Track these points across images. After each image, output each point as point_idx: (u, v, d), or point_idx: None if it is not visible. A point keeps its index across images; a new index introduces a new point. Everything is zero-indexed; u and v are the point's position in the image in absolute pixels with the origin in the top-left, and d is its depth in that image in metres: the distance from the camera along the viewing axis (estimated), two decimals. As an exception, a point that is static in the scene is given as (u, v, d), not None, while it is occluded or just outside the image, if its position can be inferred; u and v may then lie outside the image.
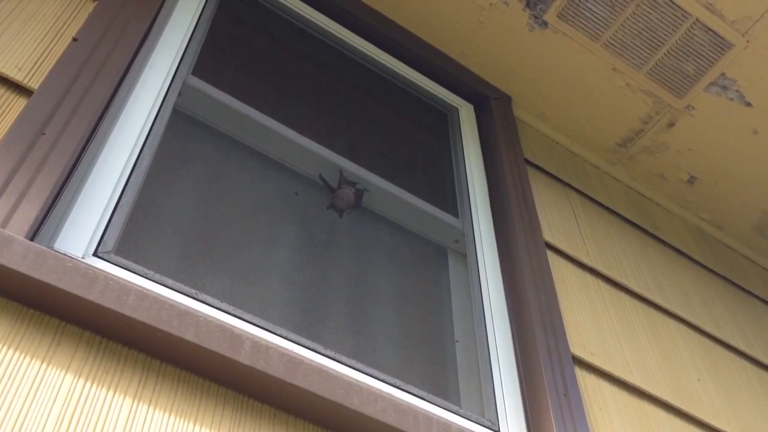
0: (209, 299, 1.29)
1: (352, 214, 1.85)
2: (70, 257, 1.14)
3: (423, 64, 2.43)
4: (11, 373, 0.98)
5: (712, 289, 2.53)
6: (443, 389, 1.62)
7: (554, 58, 2.46)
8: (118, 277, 1.13)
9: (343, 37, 2.30)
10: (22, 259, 1.03)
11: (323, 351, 1.37)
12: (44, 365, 1.01)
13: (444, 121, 2.43)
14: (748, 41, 2.32)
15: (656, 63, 2.41)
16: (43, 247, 1.06)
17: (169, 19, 1.77)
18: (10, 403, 0.95)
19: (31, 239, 1.13)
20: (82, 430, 0.98)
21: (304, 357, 1.23)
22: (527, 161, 2.36)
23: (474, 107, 2.50)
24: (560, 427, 1.50)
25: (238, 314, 1.30)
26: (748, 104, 2.48)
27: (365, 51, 2.33)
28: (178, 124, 1.68)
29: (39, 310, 1.06)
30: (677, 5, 2.28)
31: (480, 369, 1.67)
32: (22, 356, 1.01)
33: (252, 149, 1.79)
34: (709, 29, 2.32)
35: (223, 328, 1.14)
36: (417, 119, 2.37)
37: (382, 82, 2.37)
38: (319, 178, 1.85)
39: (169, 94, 1.61)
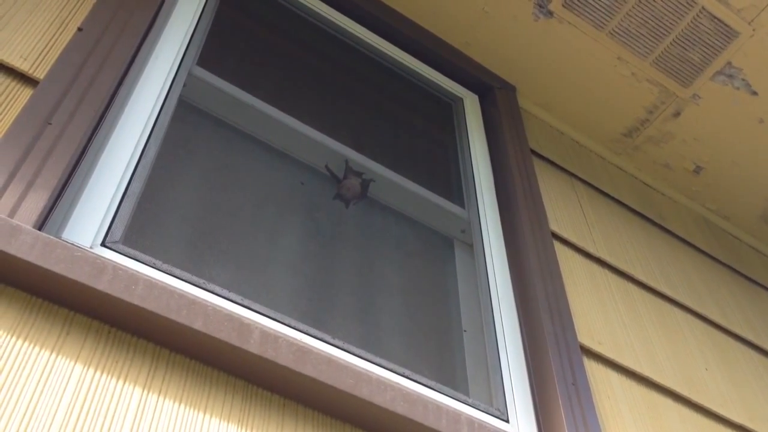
0: (217, 289, 1.29)
1: (358, 204, 1.85)
2: (79, 247, 1.14)
3: (427, 54, 2.42)
4: (21, 363, 0.97)
5: (718, 278, 2.52)
6: (451, 379, 1.62)
7: (559, 48, 2.45)
8: (126, 266, 1.13)
9: (347, 28, 2.29)
10: (31, 249, 1.03)
11: (332, 341, 1.37)
12: (54, 355, 1.01)
13: (449, 111, 2.42)
14: (754, 30, 2.31)
15: (662, 52, 2.40)
16: (52, 237, 1.06)
17: (173, 9, 1.77)
18: (20, 393, 0.95)
19: (39, 229, 1.13)
20: (91, 419, 0.98)
21: (313, 346, 1.22)
22: (532, 151, 2.35)
23: (479, 97, 2.49)
24: (569, 416, 1.50)
25: (246, 304, 1.30)
26: (755, 93, 2.47)
27: (369, 41, 2.32)
28: (184, 114, 1.67)
29: (48, 299, 1.06)
30: (683, -7, 2.27)
31: (488, 359, 1.66)
32: (32, 346, 1.00)
33: (257, 139, 1.78)
34: (715, 17, 2.31)
35: (231, 317, 1.13)
36: (422, 109, 2.36)
37: (386, 72, 2.36)
38: (325, 168, 1.84)
39: (174, 84, 1.61)
